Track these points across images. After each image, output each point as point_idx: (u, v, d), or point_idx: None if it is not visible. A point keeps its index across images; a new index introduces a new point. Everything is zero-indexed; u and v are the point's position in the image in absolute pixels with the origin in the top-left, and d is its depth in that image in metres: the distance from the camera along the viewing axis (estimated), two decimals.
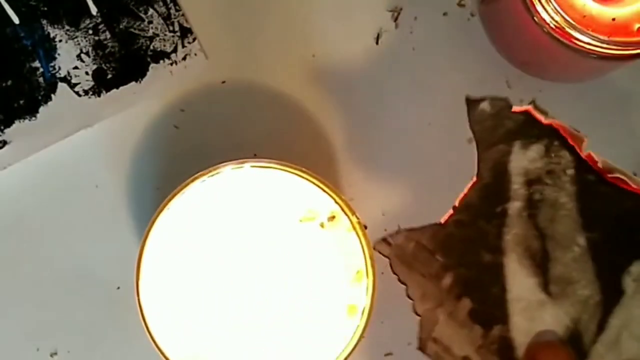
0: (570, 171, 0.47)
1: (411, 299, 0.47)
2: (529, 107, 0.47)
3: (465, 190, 0.47)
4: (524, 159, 0.47)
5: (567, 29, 0.40)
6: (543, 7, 0.40)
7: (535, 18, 0.41)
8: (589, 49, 0.40)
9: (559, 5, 0.40)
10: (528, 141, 0.47)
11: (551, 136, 0.47)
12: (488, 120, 0.47)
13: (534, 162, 0.47)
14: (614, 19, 0.41)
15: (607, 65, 0.45)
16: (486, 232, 0.47)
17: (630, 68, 0.45)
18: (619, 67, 0.46)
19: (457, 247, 0.47)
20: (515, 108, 0.47)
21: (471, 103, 0.47)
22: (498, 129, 0.47)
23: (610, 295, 0.47)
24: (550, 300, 0.47)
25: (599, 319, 0.47)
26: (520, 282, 0.47)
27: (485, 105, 0.47)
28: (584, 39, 0.40)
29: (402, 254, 0.47)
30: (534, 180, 0.47)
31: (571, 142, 0.47)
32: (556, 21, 0.40)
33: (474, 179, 0.47)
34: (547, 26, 0.41)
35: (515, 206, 0.47)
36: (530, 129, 0.47)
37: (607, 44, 0.40)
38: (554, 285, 0.47)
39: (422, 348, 0.47)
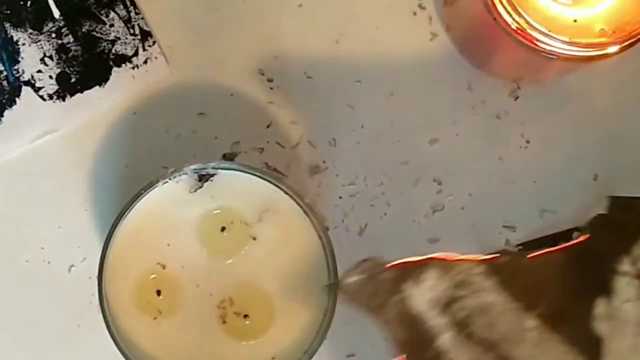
0: (478, 269, 0.40)
1: None
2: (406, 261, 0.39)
3: None
4: (423, 293, 0.39)
5: (529, 31, 0.40)
6: (504, 8, 0.40)
7: (496, 19, 0.41)
8: (551, 51, 0.40)
9: (520, 7, 0.40)
10: (416, 277, 0.40)
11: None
12: (364, 287, 0.39)
13: (435, 287, 0.39)
14: (575, 21, 0.40)
15: (569, 67, 0.45)
16: None
17: (590, 69, 0.46)
18: (581, 69, 0.46)
19: None
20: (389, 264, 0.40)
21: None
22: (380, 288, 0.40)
23: (591, 348, 0.40)
24: None
25: None
26: None
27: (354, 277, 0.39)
28: (545, 41, 0.40)
29: None
30: (448, 302, 0.39)
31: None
32: (517, 22, 0.40)
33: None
34: (508, 28, 0.40)
35: (446, 339, 0.39)
36: (409, 270, 0.40)
37: (569, 45, 0.40)
38: None
39: None
